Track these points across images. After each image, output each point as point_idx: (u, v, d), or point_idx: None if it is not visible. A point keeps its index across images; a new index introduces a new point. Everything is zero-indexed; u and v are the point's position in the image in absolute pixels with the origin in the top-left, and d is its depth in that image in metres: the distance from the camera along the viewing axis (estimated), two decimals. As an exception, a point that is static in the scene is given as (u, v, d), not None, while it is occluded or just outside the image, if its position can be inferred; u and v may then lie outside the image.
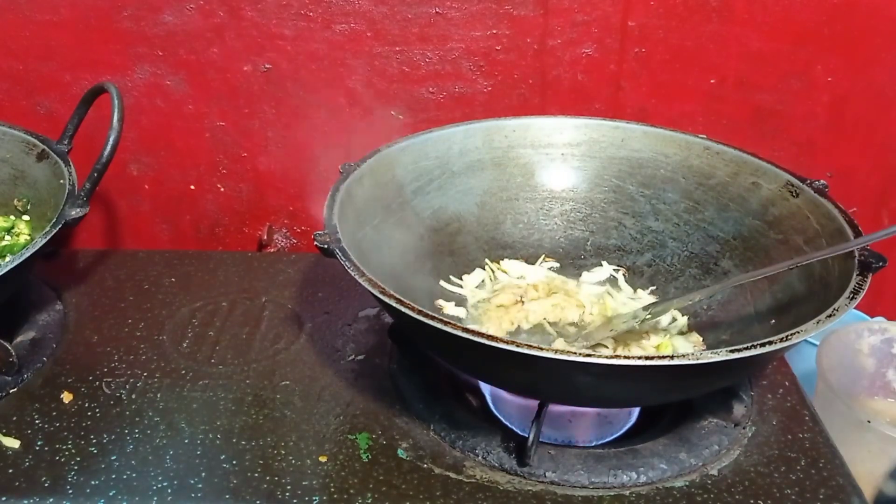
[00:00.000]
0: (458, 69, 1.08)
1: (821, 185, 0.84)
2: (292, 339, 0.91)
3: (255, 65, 1.08)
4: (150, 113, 1.10)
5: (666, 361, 0.61)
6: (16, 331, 0.89)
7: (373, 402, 0.81)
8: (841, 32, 1.06)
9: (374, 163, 0.88)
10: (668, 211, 0.95)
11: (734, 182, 0.91)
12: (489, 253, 0.96)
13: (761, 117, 1.11)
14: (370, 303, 0.96)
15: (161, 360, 0.87)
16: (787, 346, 0.64)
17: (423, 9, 1.04)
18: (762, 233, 0.87)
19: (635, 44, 1.07)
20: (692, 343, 0.85)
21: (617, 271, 0.95)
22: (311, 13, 1.05)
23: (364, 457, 0.75)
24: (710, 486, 0.72)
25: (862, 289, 0.70)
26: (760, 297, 0.84)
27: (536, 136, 0.98)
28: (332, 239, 0.74)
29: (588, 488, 0.72)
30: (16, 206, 0.94)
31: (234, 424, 0.78)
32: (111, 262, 1.03)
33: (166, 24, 1.05)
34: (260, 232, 1.18)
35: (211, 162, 1.14)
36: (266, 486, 0.71)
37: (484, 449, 0.75)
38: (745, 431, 0.78)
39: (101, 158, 0.84)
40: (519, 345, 0.62)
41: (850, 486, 0.72)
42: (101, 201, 1.15)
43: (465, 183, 0.96)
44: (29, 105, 1.09)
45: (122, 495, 0.70)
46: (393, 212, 0.89)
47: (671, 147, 0.95)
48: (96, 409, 0.80)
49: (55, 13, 1.04)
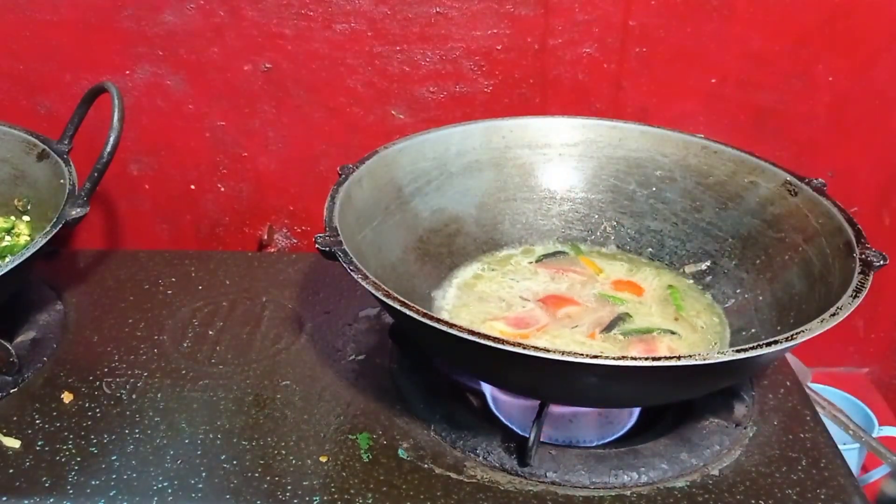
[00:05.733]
0: (458, 69, 1.08)
1: (819, 184, 0.84)
2: (293, 339, 0.91)
3: (255, 64, 1.08)
4: (150, 113, 1.10)
5: (672, 362, 0.61)
6: (16, 331, 0.89)
7: (373, 402, 0.81)
8: (842, 32, 1.06)
9: (373, 164, 0.88)
10: (667, 210, 0.95)
11: (732, 181, 0.91)
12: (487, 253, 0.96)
13: (762, 117, 1.11)
14: (371, 303, 0.96)
15: (161, 360, 0.87)
16: (792, 345, 0.64)
17: (424, 8, 1.04)
18: (761, 231, 0.87)
19: (636, 43, 1.07)
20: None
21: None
22: (312, 13, 1.05)
23: (364, 457, 0.75)
24: (712, 487, 0.72)
25: (864, 287, 0.70)
26: (760, 297, 0.84)
27: (534, 136, 0.98)
28: (333, 241, 0.74)
29: (589, 488, 0.72)
30: (16, 205, 0.94)
31: (234, 424, 0.78)
32: (111, 262, 1.03)
33: (167, 24, 1.05)
34: (260, 232, 1.18)
35: (211, 162, 1.14)
36: (266, 487, 0.71)
37: (485, 449, 0.75)
38: (747, 431, 0.78)
39: (102, 158, 0.84)
40: (524, 346, 0.62)
41: (852, 486, 0.72)
42: (101, 201, 1.15)
43: (463, 184, 0.96)
44: (29, 105, 1.09)
45: (122, 495, 0.70)
46: (392, 213, 0.89)
47: (669, 146, 0.95)
48: (97, 409, 0.80)
49: (55, 13, 1.04)
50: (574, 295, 0.90)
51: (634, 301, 0.89)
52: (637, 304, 0.89)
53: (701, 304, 0.89)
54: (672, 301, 0.89)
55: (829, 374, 1.27)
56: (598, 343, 0.83)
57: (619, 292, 0.90)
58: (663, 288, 0.91)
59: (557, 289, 0.91)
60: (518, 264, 0.95)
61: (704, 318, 0.87)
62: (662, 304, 0.89)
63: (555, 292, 0.91)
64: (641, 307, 0.88)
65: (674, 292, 0.90)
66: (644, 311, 0.88)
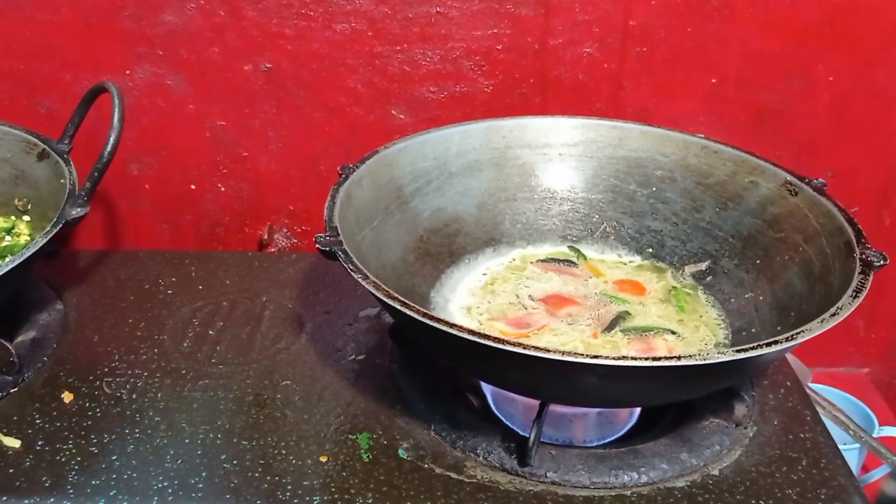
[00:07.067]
0: (458, 69, 1.08)
1: (819, 184, 0.84)
2: (293, 338, 0.91)
3: (255, 64, 1.08)
4: (150, 112, 1.10)
5: (672, 362, 0.61)
6: (16, 330, 0.89)
7: (373, 402, 0.81)
8: (842, 32, 1.06)
9: (373, 164, 0.88)
10: (667, 210, 0.95)
11: (732, 181, 0.91)
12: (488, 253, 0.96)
13: (762, 117, 1.11)
14: (371, 302, 0.96)
15: (162, 360, 0.87)
16: (793, 345, 0.64)
17: (424, 8, 1.04)
18: (761, 231, 0.87)
19: (636, 43, 1.07)
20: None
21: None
22: (312, 12, 1.05)
23: (365, 457, 0.75)
24: (712, 487, 0.72)
25: (864, 287, 0.70)
26: (761, 297, 0.84)
27: (534, 136, 0.98)
28: (334, 241, 0.74)
29: (589, 488, 0.72)
30: (16, 205, 0.94)
31: (234, 424, 0.78)
32: (112, 262, 1.03)
33: (167, 24, 1.05)
34: (260, 232, 1.18)
35: (211, 161, 1.14)
36: (266, 486, 0.71)
37: (485, 449, 0.75)
38: (747, 431, 0.78)
39: (102, 158, 0.84)
40: (524, 346, 0.62)
41: (852, 486, 0.72)
42: (101, 201, 1.15)
43: (463, 184, 0.96)
44: (29, 105, 1.09)
45: (122, 495, 0.70)
46: (392, 213, 0.89)
47: (669, 146, 0.95)
48: (97, 408, 0.80)
49: (56, 13, 1.04)
50: (575, 295, 0.90)
51: (636, 301, 0.89)
52: (638, 304, 0.89)
53: (701, 304, 0.89)
54: (675, 301, 0.89)
55: (829, 374, 1.27)
56: (600, 343, 0.83)
57: (622, 292, 0.90)
58: (665, 288, 0.91)
59: (559, 289, 0.92)
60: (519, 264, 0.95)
61: (705, 318, 0.87)
62: (664, 304, 0.89)
63: (556, 292, 0.91)
64: (643, 307, 0.88)
65: (676, 293, 0.90)
66: (645, 311, 0.88)
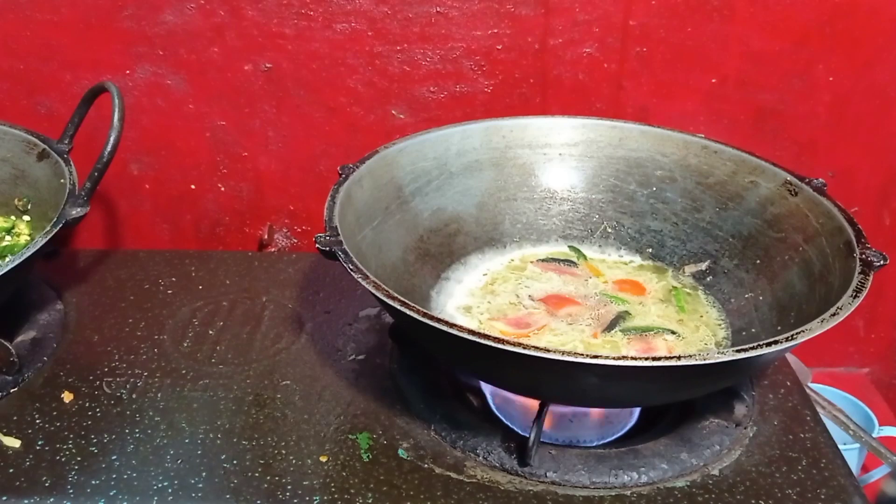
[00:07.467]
0: (459, 68, 1.08)
1: (819, 184, 0.84)
2: (293, 338, 0.91)
3: (255, 64, 1.08)
4: (150, 112, 1.10)
5: (672, 362, 0.61)
6: (16, 330, 0.89)
7: (373, 402, 0.81)
8: (842, 32, 1.06)
9: (373, 164, 0.88)
10: (667, 210, 0.95)
11: (732, 181, 0.91)
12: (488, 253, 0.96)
13: (762, 117, 1.11)
14: (371, 302, 0.96)
15: (162, 360, 0.87)
16: (792, 345, 0.64)
17: (424, 8, 1.04)
18: (761, 231, 0.87)
19: (636, 43, 1.07)
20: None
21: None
22: (312, 12, 1.05)
23: (365, 457, 0.75)
24: (712, 487, 0.72)
25: (864, 287, 0.70)
26: (761, 297, 0.84)
27: (534, 136, 0.98)
28: (334, 241, 0.74)
29: (589, 488, 0.72)
30: (16, 205, 0.94)
31: (234, 424, 0.78)
32: (112, 262, 1.03)
33: (167, 24, 1.05)
34: (260, 231, 1.18)
35: (211, 161, 1.14)
36: (266, 486, 0.71)
37: (485, 449, 0.75)
38: (747, 431, 0.78)
39: (102, 158, 0.84)
40: (524, 346, 0.62)
41: (852, 486, 0.72)
42: (101, 201, 1.15)
43: (463, 183, 0.96)
44: (29, 104, 1.09)
45: (122, 495, 0.70)
46: (392, 213, 0.89)
47: (669, 146, 0.95)
48: (97, 408, 0.80)
49: (55, 13, 1.04)
50: (575, 295, 0.90)
51: (636, 301, 0.89)
52: (638, 304, 0.89)
53: (701, 304, 0.89)
54: (675, 301, 0.89)
55: (829, 374, 1.27)
56: (599, 343, 0.83)
57: (622, 292, 0.90)
58: (665, 288, 0.91)
59: (559, 289, 0.92)
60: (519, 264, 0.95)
61: (705, 318, 0.87)
62: (664, 304, 0.89)
63: (556, 292, 0.91)
64: (643, 307, 0.88)
65: (676, 293, 0.90)
66: (645, 311, 0.88)
